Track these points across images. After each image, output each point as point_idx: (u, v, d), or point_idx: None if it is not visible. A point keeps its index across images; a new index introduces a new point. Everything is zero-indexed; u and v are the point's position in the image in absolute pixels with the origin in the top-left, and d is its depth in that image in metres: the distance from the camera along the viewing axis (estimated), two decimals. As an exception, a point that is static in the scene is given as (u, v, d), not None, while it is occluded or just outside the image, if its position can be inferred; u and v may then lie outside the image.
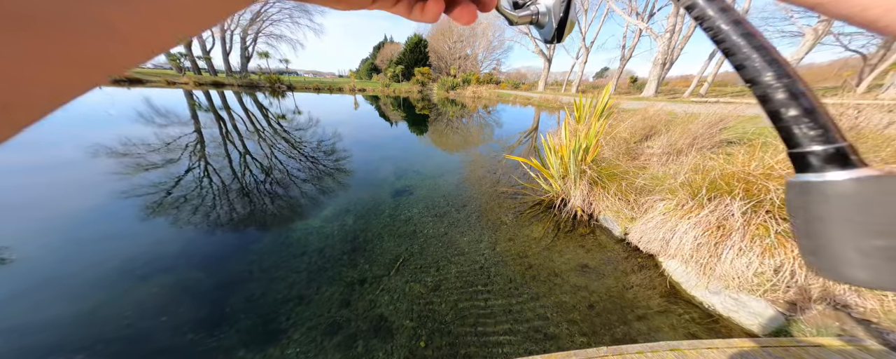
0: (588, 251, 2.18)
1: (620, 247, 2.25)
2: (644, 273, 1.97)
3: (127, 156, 3.66)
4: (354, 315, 1.45)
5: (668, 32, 15.60)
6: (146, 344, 1.25)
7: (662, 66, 16.26)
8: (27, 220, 2.12)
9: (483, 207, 2.77)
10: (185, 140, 4.66)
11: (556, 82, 42.12)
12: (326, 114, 9.33)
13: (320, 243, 2.00)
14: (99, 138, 4.32)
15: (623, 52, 23.98)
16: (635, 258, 2.11)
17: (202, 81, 19.45)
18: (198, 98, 11.43)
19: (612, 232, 2.43)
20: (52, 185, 2.78)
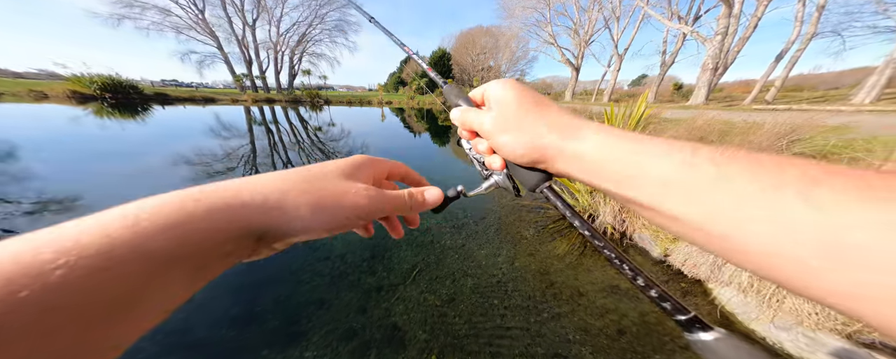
0: (618, 273, 1.99)
1: (659, 269, 2.02)
2: (689, 300, 1.75)
3: (198, 165, 4.25)
4: (370, 322, 1.48)
5: (718, 35, 14.26)
6: (187, 336, 1.40)
7: (714, 71, 14.79)
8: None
9: (503, 219, 2.71)
10: (242, 151, 5.30)
11: (585, 92, 40.36)
12: (356, 125, 10.00)
13: (343, 249, 2.10)
14: (180, 149, 5.09)
15: (663, 58, 22.35)
16: (677, 283, 1.89)
17: (258, 98, 22.22)
18: (254, 113, 12.99)
19: (650, 252, 2.20)
20: (141, 189, 3.32)
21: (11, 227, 2.27)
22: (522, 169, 0.28)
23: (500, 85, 0.28)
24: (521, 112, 0.26)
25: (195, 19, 24.38)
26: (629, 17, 24.61)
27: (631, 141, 0.22)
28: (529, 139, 0.25)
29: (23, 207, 2.60)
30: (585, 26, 27.71)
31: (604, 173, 0.22)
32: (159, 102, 16.66)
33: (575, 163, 0.24)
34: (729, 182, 0.17)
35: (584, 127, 0.24)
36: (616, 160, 0.21)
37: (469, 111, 0.30)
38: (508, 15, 33.72)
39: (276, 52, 28.37)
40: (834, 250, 0.13)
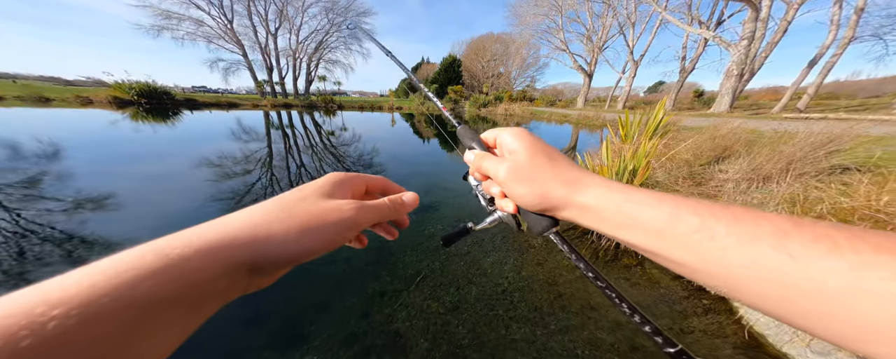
0: (634, 285, 1.90)
1: (678, 285, 1.91)
2: (711, 318, 1.63)
3: (219, 167, 4.46)
4: (371, 328, 1.47)
5: (744, 40, 13.67)
6: (196, 336, 1.44)
7: (739, 77, 14.14)
8: (143, 217, 2.69)
9: (509, 228, 2.64)
10: (259, 154, 5.52)
11: (597, 99, 39.51)
12: (367, 130, 10.18)
13: (348, 253, 2.12)
14: (204, 151, 5.37)
15: (682, 65, 21.65)
16: (699, 299, 1.77)
17: (276, 103, 23.24)
18: (272, 118, 13.56)
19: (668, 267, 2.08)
20: (165, 190, 3.51)
21: (51, 222, 2.44)
22: (532, 214, 0.30)
23: (515, 137, 0.31)
24: (535, 167, 0.28)
25: (224, 29, 25.99)
26: (646, 22, 24.06)
27: (623, 193, 0.24)
28: (542, 192, 0.27)
29: (62, 205, 2.80)
30: (599, 33, 27.35)
31: (605, 221, 0.25)
32: (188, 106, 17.73)
33: (580, 212, 0.26)
34: (710, 232, 0.19)
35: (589, 181, 0.27)
36: (613, 210, 0.24)
37: (486, 158, 0.32)
38: (520, 22, 33.85)
39: (295, 59, 29.75)
40: (813, 293, 0.15)
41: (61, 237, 2.21)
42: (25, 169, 3.84)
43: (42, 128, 7.18)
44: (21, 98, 14.45)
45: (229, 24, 25.89)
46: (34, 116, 9.53)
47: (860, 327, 0.14)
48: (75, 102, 15.08)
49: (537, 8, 30.31)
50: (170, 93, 18.69)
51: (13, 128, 6.87)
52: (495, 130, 0.33)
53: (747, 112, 14.59)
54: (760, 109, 17.01)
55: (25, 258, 1.93)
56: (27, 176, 3.58)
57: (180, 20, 25.14)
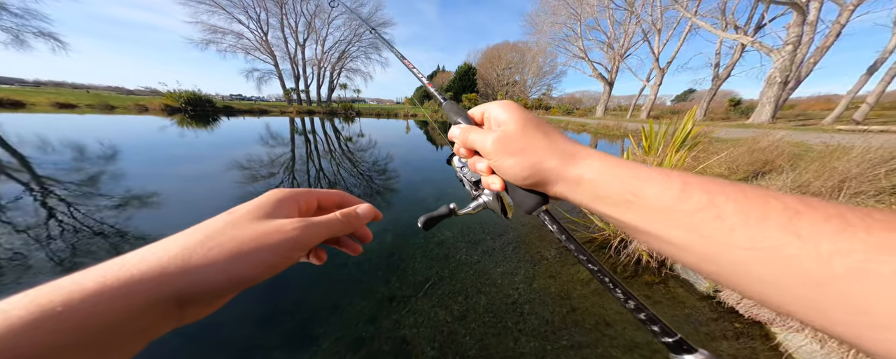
0: (655, 303, 1.78)
1: (706, 305, 1.76)
2: (744, 342, 1.49)
3: (247, 169, 4.79)
4: (379, 333, 1.48)
5: (789, 45, 12.67)
6: (213, 331, 1.52)
7: (783, 85, 13.06)
8: (179, 215, 2.94)
9: (522, 238, 2.59)
10: (283, 158, 5.86)
11: (618, 107, 37.92)
12: (383, 137, 10.52)
13: (360, 257, 2.17)
14: (235, 155, 5.80)
15: (716, 72, 20.37)
16: (730, 322, 1.62)
17: (301, 110, 24.74)
18: (296, 124, 14.41)
19: (695, 286, 1.93)
20: (200, 190, 3.81)
21: (102, 218, 2.73)
22: (521, 191, 0.28)
23: (503, 107, 0.28)
24: (526, 137, 0.26)
25: (260, 41, 28.38)
26: (673, 28, 23.04)
27: (629, 168, 0.23)
28: (533, 163, 0.25)
29: (113, 202, 3.13)
30: (621, 40, 26.53)
31: (602, 198, 0.23)
32: (226, 113, 19.33)
33: (575, 187, 0.24)
34: (718, 210, 0.18)
35: (586, 153, 0.25)
36: (614, 185, 0.22)
37: (472, 130, 0.30)
38: (536, 31, 33.67)
39: (319, 67, 31.65)
40: (818, 277, 0.14)
41: (110, 231, 2.47)
42: (87, 169, 4.35)
43: (105, 132, 8.11)
44: (92, 106, 16.49)
45: (265, 37, 28.22)
46: (101, 121, 10.82)
47: (865, 313, 0.13)
48: (134, 109, 16.96)
49: (555, 17, 30.10)
50: (211, 101, 20.48)
51: (83, 132, 7.83)
52: (483, 104, 0.31)
53: (793, 123, 13.34)
54: (809, 120, 15.49)
55: (77, 250, 2.17)
56: (88, 175, 4.05)
57: (224, 34, 27.80)
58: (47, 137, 6.63)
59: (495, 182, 0.29)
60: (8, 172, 3.95)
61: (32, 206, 2.92)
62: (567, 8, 28.56)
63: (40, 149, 5.45)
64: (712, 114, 22.45)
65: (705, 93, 20.75)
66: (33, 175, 3.93)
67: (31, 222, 2.54)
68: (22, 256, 2.01)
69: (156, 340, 0.18)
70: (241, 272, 0.20)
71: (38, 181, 3.69)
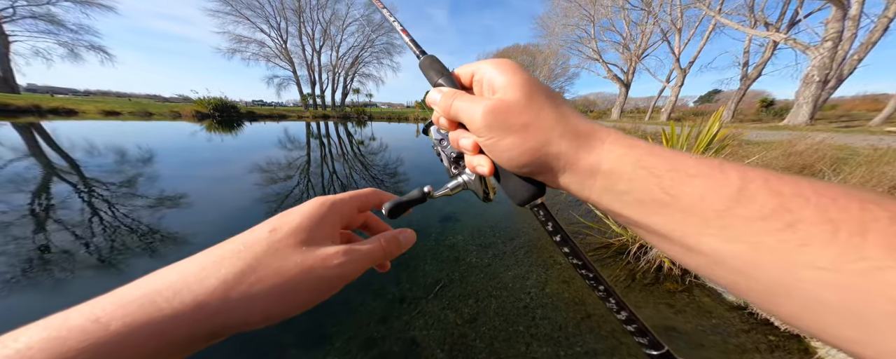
0: (679, 313, 1.68)
1: (736, 316, 1.65)
2: (778, 356, 1.41)
3: (267, 172, 5.02)
4: (389, 334, 1.50)
5: (828, 41, 11.80)
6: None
7: (822, 84, 12.15)
8: (206, 214, 3.11)
9: (534, 242, 2.54)
10: (299, 161, 6.10)
11: (636, 109, 36.60)
12: (393, 140, 10.75)
13: (373, 256, 2.20)
14: (256, 158, 6.10)
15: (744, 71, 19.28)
16: (764, 334, 1.51)
17: (316, 114, 25.82)
18: (312, 128, 14.98)
19: (723, 296, 1.82)
20: (225, 191, 4.03)
21: (138, 217, 2.94)
22: (515, 178, 0.23)
23: (501, 68, 0.22)
24: (530, 108, 0.20)
25: (280, 49, 29.95)
26: (695, 27, 22.07)
27: (666, 158, 0.17)
28: (536, 145, 0.20)
29: (148, 202, 3.37)
30: (638, 40, 25.71)
31: (622, 194, 0.18)
32: (249, 118, 20.41)
33: (586, 178, 0.19)
34: (791, 217, 0.13)
35: (604, 135, 0.20)
36: (642, 180, 0.17)
37: (458, 96, 0.23)
38: (547, 33, 33.29)
39: (333, 73, 32.88)
40: None
41: (144, 230, 2.65)
42: (127, 171, 4.72)
43: (144, 137, 8.77)
44: (133, 113, 17.94)
45: (284, 44, 29.74)
46: (140, 127, 11.73)
47: None
48: (169, 115, 18.29)
49: (566, 19, 29.69)
50: (236, 107, 21.73)
51: (125, 137, 8.51)
52: (475, 63, 0.25)
53: (835, 124, 12.35)
54: (853, 121, 14.28)
55: (115, 247, 2.34)
56: (127, 177, 4.39)
57: (248, 43, 29.61)
58: (94, 142, 7.25)
59: (482, 164, 0.24)
60: (60, 174, 4.36)
61: (79, 205, 3.19)
62: (579, 9, 28.12)
63: (88, 153, 5.98)
64: (741, 115, 21.16)
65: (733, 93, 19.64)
66: (81, 176, 4.31)
67: (78, 220, 2.79)
68: (69, 253, 2.20)
69: None
70: (281, 310, 0.18)
71: (84, 182, 4.05)
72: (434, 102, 0.25)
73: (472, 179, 0.29)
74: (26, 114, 14.33)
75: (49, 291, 1.76)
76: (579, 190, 0.20)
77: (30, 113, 14.72)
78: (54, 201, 3.27)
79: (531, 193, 0.23)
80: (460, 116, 0.23)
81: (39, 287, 1.79)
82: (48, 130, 9.02)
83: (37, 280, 1.85)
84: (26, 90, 46.37)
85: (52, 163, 5.04)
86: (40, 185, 3.84)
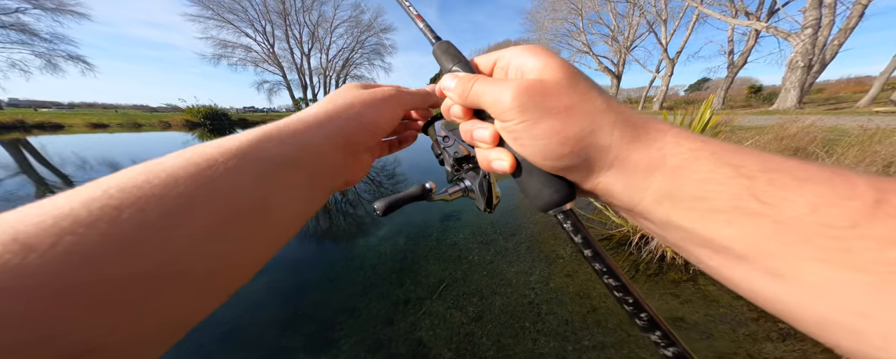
0: (685, 303, 1.70)
1: (743, 304, 1.67)
2: (791, 344, 1.41)
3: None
4: (396, 335, 1.49)
5: (808, 28, 12.05)
6: (243, 334, 1.57)
7: (806, 69, 12.41)
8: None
9: (535, 237, 2.55)
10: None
11: (628, 100, 37.03)
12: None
13: (375, 260, 2.19)
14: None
15: (731, 59, 19.59)
16: (773, 322, 1.53)
17: None
18: None
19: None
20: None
21: None
22: (543, 176, 0.19)
23: (533, 52, 0.19)
24: (574, 90, 0.18)
25: (267, 53, 29.63)
26: (679, 18, 22.34)
27: (754, 155, 0.14)
28: (580, 132, 0.17)
29: None
30: (626, 32, 25.96)
31: (694, 199, 0.15)
32: (241, 126, 20.12)
33: (641, 178, 0.16)
34: None
35: (664, 127, 0.17)
36: (724, 182, 0.14)
37: (482, 79, 0.21)
38: (537, 28, 33.35)
39: (325, 76, 32.66)
40: None
41: None
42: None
43: (136, 149, 8.62)
44: (122, 125, 17.58)
45: (271, 49, 29.39)
46: (131, 139, 11.51)
47: None
48: (159, 126, 17.96)
49: (555, 13, 29.82)
50: (227, 114, 21.46)
51: (116, 150, 8.35)
52: (498, 51, 0.22)
53: (823, 107, 12.63)
54: (841, 103, 14.58)
55: None
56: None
57: (234, 48, 29.22)
58: (85, 157, 7.10)
59: (502, 160, 0.20)
60: (54, 191, 4.26)
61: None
62: (567, 3, 28.25)
63: (80, 168, 5.85)
64: (732, 102, 21.49)
65: (722, 81, 19.94)
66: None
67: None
68: None
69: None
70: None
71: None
72: (447, 89, 0.23)
73: (475, 186, 0.26)
74: (11, 130, 13.98)
75: None
76: (625, 195, 0.17)
77: (15, 129, 14.36)
78: None
79: (561, 196, 0.19)
80: (482, 99, 0.20)
81: None
82: (36, 146, 8.79)
83: None
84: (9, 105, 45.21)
85: (45, 180, 4.92)
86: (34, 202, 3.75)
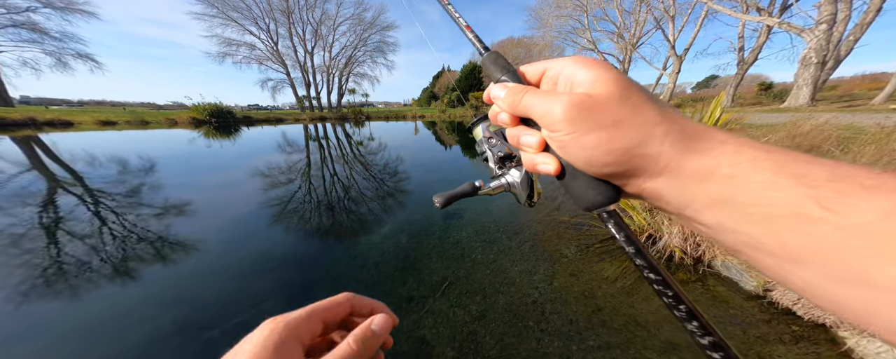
0: (694, 303, 1.67)
1: (755, 306, 1.64)
2: (805, 347, 1.38)
3: (268, 177, 5.00)
4: (399, 333, 1.50)
5: (822, 23, 11.69)
6: (250, 330, 1.58)
7: (820, 65, 12.07)
8: (212, 221, 3.10)
9: (538, 235, 2.53)
10: (299, 165, 6.07)
11: None
12: (392, 139, 10.70)
13: (377, 258, 2.19)
14: (256, 164, 6.09)
15: (741, 56, 19.16)
16: (786, 324, 1.50)
17: (314, 117, 25.64)
18: (310, 130, 14.89)
19: (740, 285, 1.81)
20: (228, 197, 4.01)
21: (146, 226, 2.92)
22: (588, 179, 0.21)
23: (585, 65, 0.20)
24: (626, 104, 0.19)
25: (271, 51, 29.67)
26: (688, 14, 21.84)
27: (819, 164, 0.15)
28: (627, 144, 0.18)
29: (154, 211, 3.36)
30: (632, 29, 25.47)
31: (748, 205, 0.15)
32: (246, 123, 20.30)
33: (693, 183, 0.17)
34: None
35: (723, 136, 0.17)
36: (787, 188, 0.14)
37: (530, 91, 0.22)
38: (541, 25, 32.76)
39: (328, 74, 32.64)
40: None
41: (154, 238, 2.65)
42: (130, 181, 4.70)
43: (143, 146, 8.74)
44: (129, 122, 17.85)
45: (275, 47, 29.43)
46: (138, 137, 11.68)
47: None
48: (165, 123, 18.19)
49: (560, 9, 29.26)
50: (232, 112, 21.60)
51: (124, 148, 8.48)
52: (547, 62, 0.23)
53: (837, 104, 12.29)
54: (855, 100, 14.20)
55: (127, 256, 2.34)
56: (131, 187, 4.37)
57: (238, 46, 29.27)
58: (95, 153, 7.22)
59: (548, 163, 0.22)
60: (64, 187, 4.35)
61: (88, 216, 3.18)
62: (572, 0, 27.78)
63: (90, 165, 5.95)
64: (741, 99, 21.03)
65: (731, 78, 19.53)
66: (86, 188, 4.29)
67: (87, 231, 2.78)
68: (83, 263, 2.20)
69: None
70: None
71: (90, 194, 4.03)
72: (498, 98, 0.24)
73: (517, 182, 0.29)
74: (23, 127, 14.27)
75: (69, 298, 1.76)
76: (675, 200, 0.18)
77: (26, 126, 14.66)
78: (62, 213, 3.26)
79: (605, 198, 0.21)
80: (531, 110, 0.22)
81: (59, 296, 1.79)
82: (47, 143, 8.97)
83: (56, 289, 1.85)
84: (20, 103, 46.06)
85: (56, 176, 5.02)
86: (47, 197, 3.83)
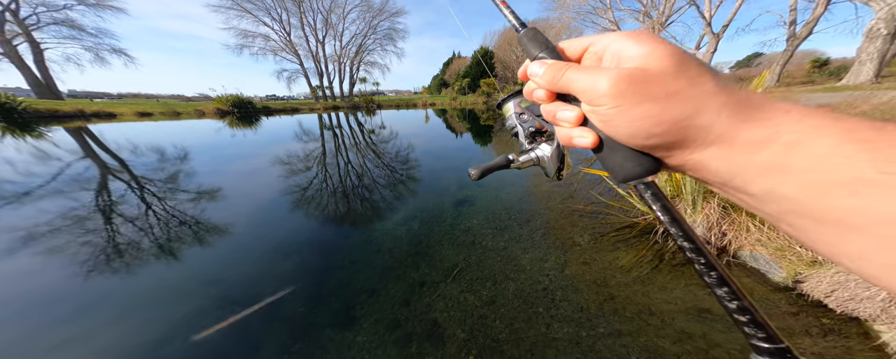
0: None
1: (782, 297, 1.57)
2: (833, 341, 1.31)
3: (288, 165, 5.22)
4: (412, 315, 1.57)
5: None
6: (277, 310, 1.71)
7: (890, 38, 10.45)
8: (241, 206, 3.32)
9: (551, 223, 2.50)
10: (316, 153, 6.29)
11: None
12: (403, 127, 10.75)
13: (391, 244, 2.27)
14: (276, 152, 6.36)
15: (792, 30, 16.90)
16: (816, 317, 1.43)
17: (327, 106, 26.10)
18: (324, 119, 15.19)
19: (767, 276, 1.72)
20: (253, 184, 4.25)
21: (183, 209, 3.19)
22: (627, 151, 0.21)
23: (637, 38, 0.20)
24: (682, 78, 0.18)
25: (285, 42, 29.92)
26: None
27: (890, 130, 0.14)
28: (679, 116, 0.18)
29: (190, 196, 3.64)
30: (661, 7, 22.81)
31: (806, 171, 0.15)
32: (265, 113, 21.04)
33: (746, 152, 0.17)
34: None
35: (787, 106, 0.17)
36: (851, 155, 0.14)
37: (574, 68, 0.22)
38: (558, 6, 29.92)
39: (339, 63, 32.61)
40: None
41: (191, 221, 2.89)
42: (169, 169, 5.09)
43: (177, 136, 9.34)
44: (163, 113, 19.03)
45: (288, 37, 29.60)
46: (172, 127, 12.48)
47: None
48: (194, 114, 19.25)
49: None
50: (252, 103, 22.37)
51: (160, 137, 9.11)
52: (591, 37, 0.23)
53: (909, 80, 10.71)
54: (930, 74, 12.30)
55: (170, 237, 2.58)
56: (169, 174, 4.74)
57: (254, 38, 29.73)
58: (136, 143, 7.83)
59: (585, 136, 0.22)
60: (114, 173, 4.80)
61: (135, 201, 3.52)
62: (592, -24, 25.22)
63: (133, 153, 6.49)
64: (790, 78, 18.78)
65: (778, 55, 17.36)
66: (132, 175, 4.71)
67: (135, 214, 3.09)
68: (134, 243, 2.46)
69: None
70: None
71: (136, 180, 4.43)
72: (535, 75, 0.24)
73: (547, 156, 0.30)
74: (74, 118, 15.63)
75: (125, 274, 2.00)
76: (723, 170, 0.18)
77: (76, 117, 16.03)
78: (114, 197, 3.64)
79: (644, 169, 0.21)
80: (573, 86, 0.22)
81: (118, 273, 2.04)
82: (95, 133, 9.81)
83: (114, 266, 2.11)
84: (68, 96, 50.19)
85: (106, 163, 5.53)
86: (101, 183, 4.26)
